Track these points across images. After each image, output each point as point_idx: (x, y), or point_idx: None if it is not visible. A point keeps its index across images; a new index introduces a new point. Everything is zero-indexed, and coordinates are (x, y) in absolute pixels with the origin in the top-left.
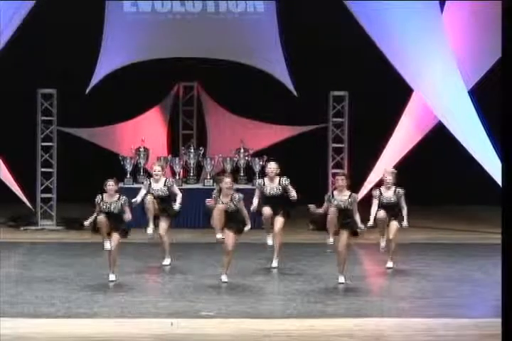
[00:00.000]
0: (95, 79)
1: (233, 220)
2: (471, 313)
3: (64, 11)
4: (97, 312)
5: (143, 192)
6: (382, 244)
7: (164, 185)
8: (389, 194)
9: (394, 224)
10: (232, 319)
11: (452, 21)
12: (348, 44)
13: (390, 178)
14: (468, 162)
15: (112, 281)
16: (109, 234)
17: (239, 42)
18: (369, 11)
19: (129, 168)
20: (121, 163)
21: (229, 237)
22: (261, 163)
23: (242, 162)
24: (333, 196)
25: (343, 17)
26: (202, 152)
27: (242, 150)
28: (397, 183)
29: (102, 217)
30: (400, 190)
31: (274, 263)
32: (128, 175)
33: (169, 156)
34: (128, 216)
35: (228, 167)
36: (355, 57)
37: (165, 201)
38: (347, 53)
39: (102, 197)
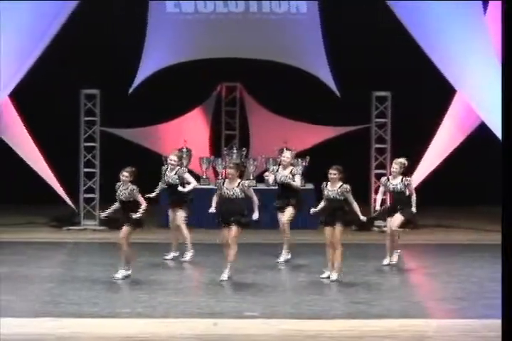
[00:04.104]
0: (138, 79)
1: (233, 210)
2: None
3: (107, 11)
4: (141, 312)
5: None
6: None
7: (175, 173)
8: (395, 181)
9: (398, 218)
10: (275, 319)
11: (495, 21)
12: (390, 44)
13: (396, 167)
14: None
15: (119, 278)
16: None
17: (281, 43)
18: (412, 11)
19: None
20: (164, 163)
21: (229, 230)
22: (304, 163)
23: None
24: (326, 186)
25: (386, 17)
26: (245, 152)
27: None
28: (405, 173)
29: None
30: (407, 179)
31: (282, 259)
32: None
33: (212, 157)
34: (141, 202)
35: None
36: (398, 57)
37: (176, 191)
38: (390, 53)
39: (120, 185)
